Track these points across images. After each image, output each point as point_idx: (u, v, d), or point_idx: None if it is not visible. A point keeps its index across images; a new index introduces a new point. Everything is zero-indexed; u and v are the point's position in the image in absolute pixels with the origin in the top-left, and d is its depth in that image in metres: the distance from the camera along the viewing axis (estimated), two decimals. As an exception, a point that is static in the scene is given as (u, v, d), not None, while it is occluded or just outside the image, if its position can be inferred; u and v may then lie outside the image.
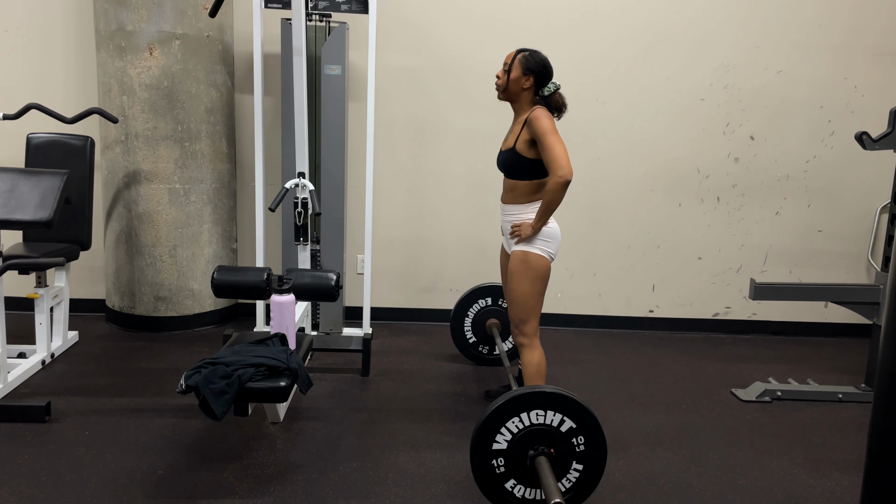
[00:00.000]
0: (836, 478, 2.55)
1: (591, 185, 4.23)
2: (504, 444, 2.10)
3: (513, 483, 2.13)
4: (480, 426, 2.10)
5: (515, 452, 2.11)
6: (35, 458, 2.45)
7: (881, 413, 1.20)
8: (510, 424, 2.09)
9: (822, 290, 3.32)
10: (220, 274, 2.64)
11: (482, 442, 2.10)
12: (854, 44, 4.12)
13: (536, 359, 2.64)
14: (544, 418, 2.09)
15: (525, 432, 2.10)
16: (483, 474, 2.11)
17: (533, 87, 2.67)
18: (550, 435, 2.10)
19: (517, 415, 2.09)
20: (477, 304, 3.56)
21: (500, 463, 2.11)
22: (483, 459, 2.11)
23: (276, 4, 3.49)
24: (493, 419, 2.09)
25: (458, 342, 3.61)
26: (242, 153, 4.21)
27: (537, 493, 2.14)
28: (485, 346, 3.61)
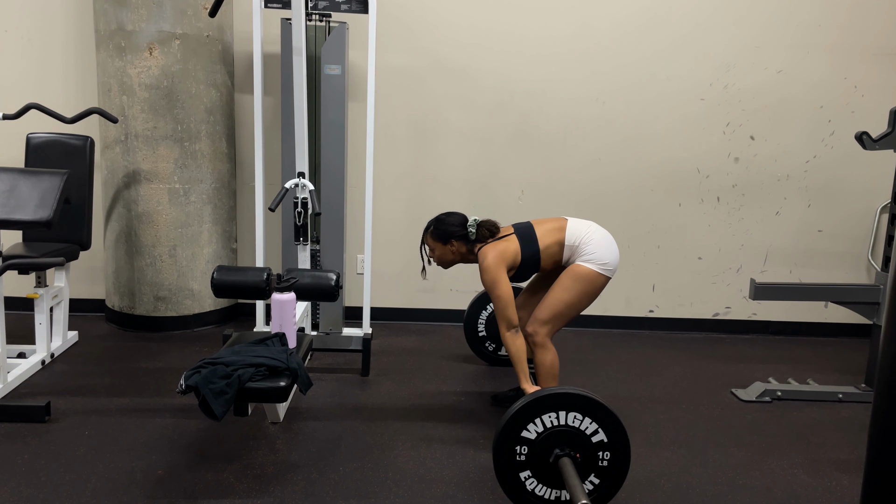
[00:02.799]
0: (836, 478, 2.55)
1: (591, 184, 4.23)
2: (534, 435, 2.10)
3: (528, 474, 2.13)
4: (521, 408, 2.10)
5: (541, 447, 2.11)
6: (35, 458, 2.45)
7: (881, 413, 1.20)
8: (547, 417, 2.10)
9: (822, 290, 3.32)
10: (219, 274, 2.64)
11: (515, 424, 2.10)
12: (854, 44, 4.12)
13: (550, 359, 2.72)
14: (581, 423, 2.10)
15: (557, 430, 2.10)
16: (503, 456, 2.11)
17: (461, 243, 2.79)
18: (581, 441, 2.11)
19: (557, 411, 2.09)
20: (483, 311, 3.54)
21: (524, 451, 2.11)
22: (509, 440, 2.11)
23: (276, 4, 3.49)
24: (534, 407, 2.09)
25: (472, 342, 3.59)
26: (242, 153, 4.21)
27: (548, 491, 2.14)
28: (498, 346, 3.59)
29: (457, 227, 2.78)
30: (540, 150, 4.20)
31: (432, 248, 2.83)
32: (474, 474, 2.46)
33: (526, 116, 4.16)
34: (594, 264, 2.68)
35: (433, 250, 2.83)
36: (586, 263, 2.68)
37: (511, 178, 4.24)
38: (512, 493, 2.14)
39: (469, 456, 2.59)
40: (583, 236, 2.72)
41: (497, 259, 2.67)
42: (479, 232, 2.78)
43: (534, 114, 4.16)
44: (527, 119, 4.16)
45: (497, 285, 2.64)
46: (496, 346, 3.59)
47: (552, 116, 4.17)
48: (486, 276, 2.66)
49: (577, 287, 2.67)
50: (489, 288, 2.66)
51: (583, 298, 2.70)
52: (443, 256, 2.83)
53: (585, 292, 2.69)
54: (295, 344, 2.65)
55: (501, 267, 2.66)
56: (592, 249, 2.69)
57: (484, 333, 3.56)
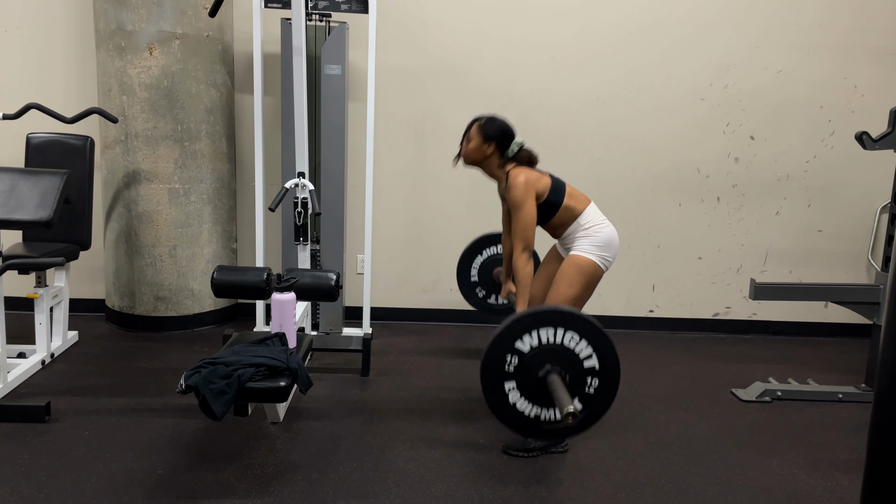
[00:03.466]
0: (836, 478, 2.55)
1: (591, 185, 4.22)
2: (527, 348, 2.12)
3: (513, 385, 2.15)
4: (522, 317, 2.11)
5: (533, 361, 2.13)
6: (35, 458, 2.45)
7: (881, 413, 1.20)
8: (544, 332, 2.12)
9: (822, 290, 3.32)
10: (219, 274, 2.64)
11: (509, 334, 2.11)
12: (854, 44, 4.12)
13: None
14: (576, 346, 2.12)
15: (551, 348, 2.12)
16: (493, 362, 2.13)
17: (496, 151, 2.74)
18: (573, 363, 2.12)
19: (556, 328, 2.11)
20: (482, 252, 3.55)
21: (513, 361, 2.13)
22: (502, 347, 2.12)
23: (276, 4, 3.49)
24: (535, 319, 2.11)
25: (464, 287, 3.60)
26: (242, 153, 4.21)
27: (529, 406, 2.18)
28: (492, 293, 3.61)
29: (504, 135, 2.73)
30: (540, 150, 4.13)
31: (470, 138, 2.75)
32: (474, 474, 2.46)
33: (526, 116, 4.16)
34: (596, 256, 2.72)
35: (470, 140, 2.75)
36: (589, 255, 2.71)
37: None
38: (494, 402, 2.16)
39: (469, 456, 2.59)
40: (595, 224, 2.75)
41: (530, 181, 2.66)
42: (519, 153, 2.77)
43: (534, 114, 4.16)
44: (527, 119, 4.16)
45: (525, 204, 2.62)
46: (486, 293, 3.60)
47: (552, 116, 4.17)
48: (515, 192, 2.63)
49: (581, 280, 2.70)
50: (517, 204, 2.63)
51: (586, 291, 2.74)
52: (474, 152, 2.74)
53: (588, 284, 2.73)
54: (295, 344, 2.65)
55: (532, 190, 2.65)
56: (599, 241, 2.72)
57: (476, 279, 3.58)
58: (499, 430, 2.82)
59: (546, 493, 2.35)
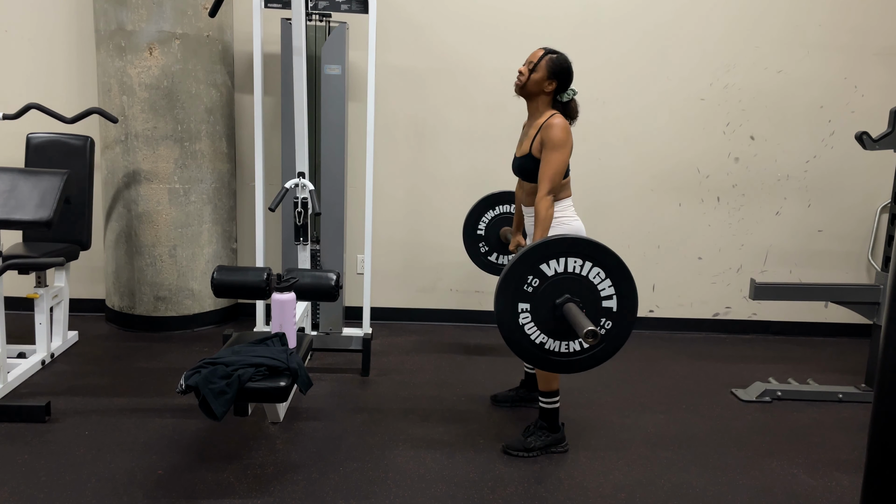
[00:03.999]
0: (836, 478, 2.55)
1: (591, 184, 4.23)
2: (552, 272, 2.14)
3: (527, 307, 2.16)
4: (555, 241, 2.13)
5: (552, 287, 2.14)
6: (35, 458, 2.45)
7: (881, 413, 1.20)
8: (572, 261, 2.14)
9: (822, 290, 3.32)
10: (219, 274, 2.64)
11: (539, 254, 2.13)
12: (854, 44, 4.12)
13: None
14: (600, 283, 2.16)
15: (574, 277, 2.15)
16: (513, 277, 2.13)
17: (553, 93, 2.66)
18: (592, 298, 2.16)
19: (585, 260, 2.14)
20: (490, 211, 3.51)
21: (534, 283, 2.15)
22: (526, 265, 2.14)
23: (276, 4, 3.49)
24: (568, 245, 2.13)
25: (468, 239, 3.55)
26: (242, 153, 4.21)
27: (537, 332, 2.19)
28: (491, 250, 3.57)
29: (568, 78, 2.65)
30: (540, 150, 4.20)
31: (537, 68, 2.63)
32: (474, 474, 2.46)
33: (526, 116, 4.15)
34: None
35: (536, 70, 2.63)
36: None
37: (511, 178, 4.23)
38: (504, 319, 2.17)
39: (469, 456, 2.59)
40: (566, 216, 2.64)
41: (569, 130, 2.59)
42: (570, 103, 2.70)
43: (534, 114, 4.16)
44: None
45: (563, 147, 2.54)
46: (489, 250, 3.55)
47: (552, 116, 4.16)
48: (557, 132, 2.53)
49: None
50: (555, 145, 2.53)
51: None
52: (536, 82, 2.63)
53: None
54: (295, 344, 2.65)
55: (570, 139, 2.58)
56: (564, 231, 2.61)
57: (482, 233, 3.53)
58: (499, 430, 2.82)
59: (546, 493, 2.35)
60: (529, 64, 2.66)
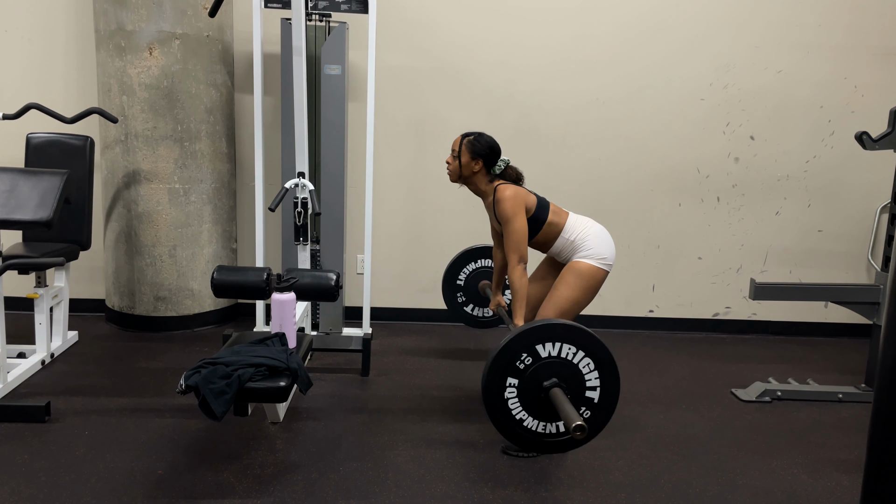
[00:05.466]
0: (836, 478, 2.55)
1: (591, 184, 4.23)
2: (546, 354, 2.20)
3: (514, 383, 2.21)
4: (549, 325, 2.17)
5: (542, 369, 2.20)
6: (35, 458, 2.45)
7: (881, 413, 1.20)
8: (566, 347, 2.20)
9: (822, 290, 3.32)
10: (219, 274, 2.64)
11: (534, 334, 2.18)
12: (854, 44, 4.12)
13: None
14: (587, 372, 2.23)
15: (561, 362, 2.19)
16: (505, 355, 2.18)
17: (483, 168, 2.77)
18: (577, 385, 2.21)
19: (577, 346, 2.20)
20: (468, 266, 3.58)
21: (527, 361, 2.20)
22: (520, 346, 2.18)
23: (276, 4, 3.49)
24: (559, 330, 2.17)
25: (447, 287, 3.63)
26: (242, 153, 4.21)
27: (521, 410, 2.25)
28: (468, 300, 3.63)
29: (492, 152, 2.76)
30: (540, 150, 4.20)
31: (459, 154, 2.77)
32: (474, 474, 2.46)
33: (526, 116, 4.16)
34: (594, 259, 2.74)
35: (458, 157, 2.77)
36: (586, 259, 2.74)
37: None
38: (491, 389, 2.21)
39: (469, 456, 2.59)
40: (579, 232, 2.79)
41: (519, 195, 2.69)
42: (506, 171, 2.82)
43: (534, 114, 4.16)
44: (527, 119, 4.16)
45: (515, 217, 2.65)
46: (465, 300, 3.62)
47: (552, 116, 4.17)
48: (505, 206, 2.66)
49: (580, 283, 2.72)
50: (508, 217, 2.66)
51: (586, 294, 2.75)
52: (464, 166, 2.76)
53: (588, 287, 2.74)
54: (295, 344, 2.65)
55: (521, 203, 2.69)
56: (590, 245, 2.75)
57: (462, 283, 3.60)
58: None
59: (546, 493, 2.35)
60: (453, 153, 2.80)
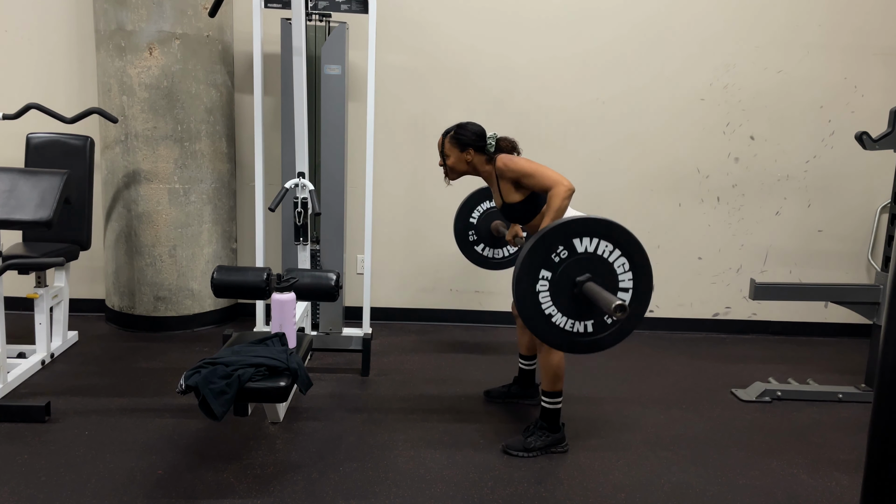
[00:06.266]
0: (836, 478, 2.55)
1: (591, 184, 4.23)
2: (582, 249, 2.17)
3: (547, 275, 2.17)
4: (588, 219, 2.15)
5: (577, 265, 2.18)
6: (35, 458, 2.45)
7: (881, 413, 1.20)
8: (603, 243, 2.17)
9: (822, 290, 3.32)
10: (219, 274, 2.64)
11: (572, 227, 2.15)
12: (854, 44, 4.12)
13: (556, 361, 2.61)
14: (621, 272, 2.20)
15: (597, 258, 2.17)
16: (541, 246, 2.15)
17: (476, 154, 2.71)
18: (610, 285, 2.19)
19: (613, 244, 2.17)
20: (481, 205, 3.50)
21: (563, 254, 2.15)
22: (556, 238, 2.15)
23: (276, 4, 3.49)
24: (598, 226, 2.16)
25: (464, 248, 3.55)
26: (242, 153, 4.21)
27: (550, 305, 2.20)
28: (489, 248, 3.55)
29: (478, 136, 2.68)
30: (540, 149, 4.19)
31: (447, 154, 2.71)
32: (474, 474, 2.46)
33: (526, 116, 4.16)
34: None
35: (448, 156, 2.71)
36: None
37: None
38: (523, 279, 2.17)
39: (469, 456, 2.59)
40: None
41: (520, 156, 2.64)
42: (498, 145, 2.72)
43: (534, 113, 4.16)
44: (527, 119, 4.16)
45: (529, 164, 2.55)
46: (477, 240, 3.54)
47: (552, 116, 4.17)
48: (516, 163, 2.57)
49: None
50: (523, 171, 2.54)
51: None
52: (456, 165, 2.71)
53: None
54: (295, 344, 2.65)
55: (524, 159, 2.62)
56: None
57: (474, 222, 3.51)
58: (499, 430, 2.82)
59: (546, 493, 2.35)
60: (441, 155, 2.75)
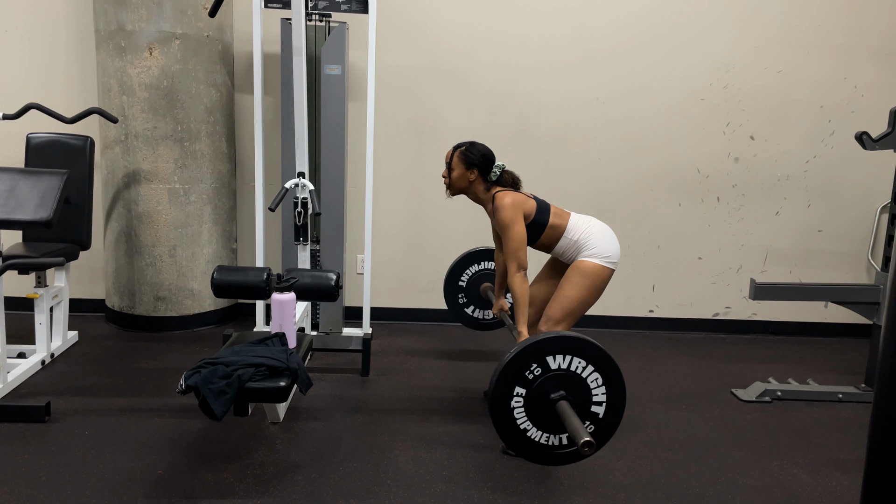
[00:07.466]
0: (836, 478, 2.55)
1: (592, 184, 4.23)
2: (556, 366, 2.14)
3: (522, 392, 2.15)
4: (562, 336, 2.12)
5: (551, 381, 2.14)
6: (35, 458, 2.45)
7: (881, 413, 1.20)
8: (576, 360, 2.14)
9: (822, 290, 3.32)
10: (219, 274, 2.64)
11: (546, 345, 2.12)
12: (854, 44, 4.12)
13: None
14: (594, 387, 2.16)
15: (570, 375, 2.14)
16: (515, 364, 2.13)
17: (479, 177, 2.77)
18: (583, 399, 2.15)
19: (587, 361, 2.14)
20: (470, 268, 3.53)
21: (536, 371, 2.14)
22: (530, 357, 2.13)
23: (276, 4, 3.49)
24: (571, 343, 2.12)
25: (453, 309, 3.57)
26: (242, 153, 4.21)
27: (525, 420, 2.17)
28: (480, 310, 3.57)
29: (485, 160, 2.76)
30: (540, 149, 4.20)
31: (453, 167, 2.78)
32: (474, 474, 2.46)
33: (526, 116, 4.16)
34: (598, 258, 2.72)
35: (453, 170, 2.78)
36: (591, 259, 2.72)
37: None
38: (498, 396, 2.15)
39: (469, 456, 2.59)
40: (583, 231, 2.77)
41: (517, 201, 2.69)
42: (502, 176, 2.81)
43: (534, 113, 4.16)
44: (527, 119, 4.16)
45: (514, 224, 2.64)
46: (466, 302, 3.56)
47: (552, 116, 4.17)
48: (503, 213, 2.66)
49: (585, 283, 2.71)
50: (506, 225, 2.65)
51: (592, 293, 2.73)
52: (458, 180, 2.78)
53: (594, 287, 2.73)
54: (295, 344, 2.65)
55: (519, 210, 2.68)
56: (594, 244, 2.74)
57: (464, 285, 3.53)
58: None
59: (546, 493, 2.35)
60: (447, 166, 2.80)
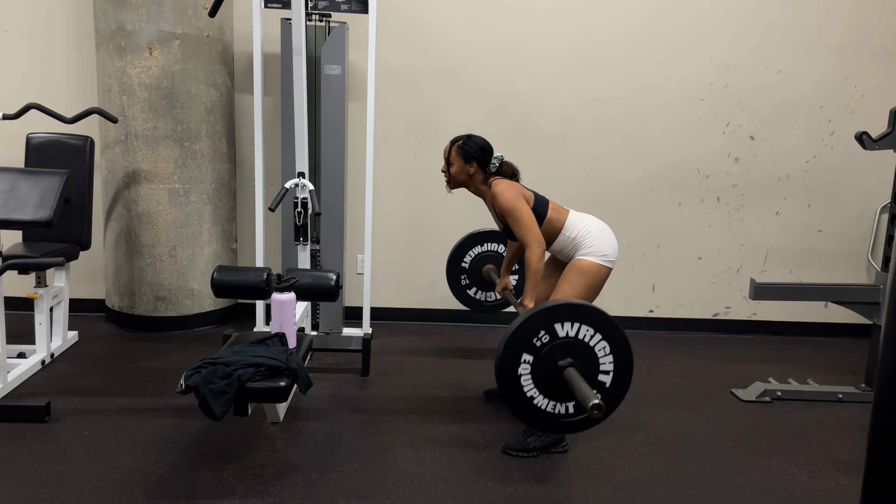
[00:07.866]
0: (836, 478, 2.55)
1: (591, 184, 4.23)
2: (563, 333, 2.15)
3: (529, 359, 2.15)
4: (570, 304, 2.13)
5: (558, 349, 2.15)
6: (35, 458, 2.45)
7: (881, 413, 1.20)
8: (584, 328, 2.15)
9: (822, 290, 3.32)
10: (219, 274, 2.64)
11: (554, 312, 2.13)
12: (854, 44, 4.12)
13: None
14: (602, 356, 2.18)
15: (578, 343, 2.15)
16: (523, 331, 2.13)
17: (478, 169, 2.79)
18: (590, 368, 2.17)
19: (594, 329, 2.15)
20: (473, 249, 3.53)
21: (544, 339, 2.14)
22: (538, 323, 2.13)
23: (276, 4, 3.49)
24: (579, 311, 2.13)
25: (456, 290, 3.58)
26: (242, 153, 4.21)
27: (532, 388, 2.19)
28: (482, 292, 3.59)
29: (484, 152, 2.77)
30: (540, 149, 4.20)
31: (452, 161, 2.79)
32: (474, 474, 2.46)
33: (526, 116, 4.16)
34: (595, 257, 2.73)
35: (452, 164, 2.79)
36: (588, 257, 2.73)
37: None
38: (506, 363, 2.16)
39: (469, 456, 2.59)
40: (580, 229, 2.77)
41: (515, 189, 2.69)
42: (501, 167, 2.82)
43: (534, 113, 4.16)
44: (527, 119, 4.16)
45: (517, 204, 2.63)
46: (469, 283, 3.57)
47: (552, 116, 4.17)
48: (505, 196, 2.64)
49: (583, 281, 2.71)
50: (509, 207, 2.64)
51: (590, 292, 2.73)
52: (458, 174, 2.79)
53: (591, 285, 2.72)
54: (295, 344, 2.65)
55: (519, 193, 2.68)
56: (591, 242, 2.74)
57: (466, 266, 3.54)
58: (499, 430, 2.82)
59: (546, 493, 2.35)
60: (445, 161, 2.82)
